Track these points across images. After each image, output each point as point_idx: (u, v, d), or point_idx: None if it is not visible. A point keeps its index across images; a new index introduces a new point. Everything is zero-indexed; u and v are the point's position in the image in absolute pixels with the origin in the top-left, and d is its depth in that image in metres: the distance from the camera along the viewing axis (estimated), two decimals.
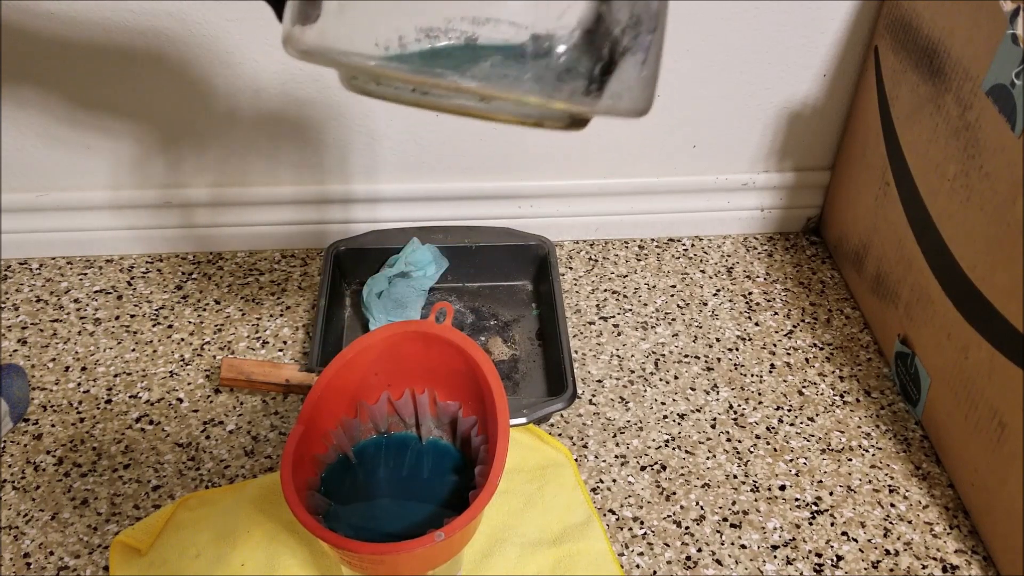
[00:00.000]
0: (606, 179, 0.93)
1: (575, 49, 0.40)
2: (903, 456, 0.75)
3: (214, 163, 0.87)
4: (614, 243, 0.96)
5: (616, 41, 0.41)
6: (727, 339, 0.85)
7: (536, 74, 0.40)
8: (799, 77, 0.87)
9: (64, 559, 0.66)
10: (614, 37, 0.41)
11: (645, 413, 0.78)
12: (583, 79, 0.41)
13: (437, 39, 0.39)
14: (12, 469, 0.72)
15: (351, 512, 0.57)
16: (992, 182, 0.64)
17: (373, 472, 0.60)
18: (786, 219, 0.98)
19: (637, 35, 0.42)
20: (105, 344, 0.82)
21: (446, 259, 0.87)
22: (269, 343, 0.83)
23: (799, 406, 0.79)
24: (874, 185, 0.83)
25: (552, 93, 0.40)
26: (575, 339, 0.84)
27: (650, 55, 0.44)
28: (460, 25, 0.39)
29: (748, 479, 0.72)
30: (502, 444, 0.54)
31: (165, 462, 0.72)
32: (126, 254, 0.92)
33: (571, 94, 0.41)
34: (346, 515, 0.56)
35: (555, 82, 0.40)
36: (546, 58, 0.40)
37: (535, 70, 0.40)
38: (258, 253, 0.93)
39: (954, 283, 0.69)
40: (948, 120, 0.70)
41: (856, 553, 0.68)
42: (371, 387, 0.61)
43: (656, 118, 0.89)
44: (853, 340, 0.86)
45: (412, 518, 0.57)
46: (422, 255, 0.86)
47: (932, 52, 0.72)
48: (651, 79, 0.45)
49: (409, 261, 0.85)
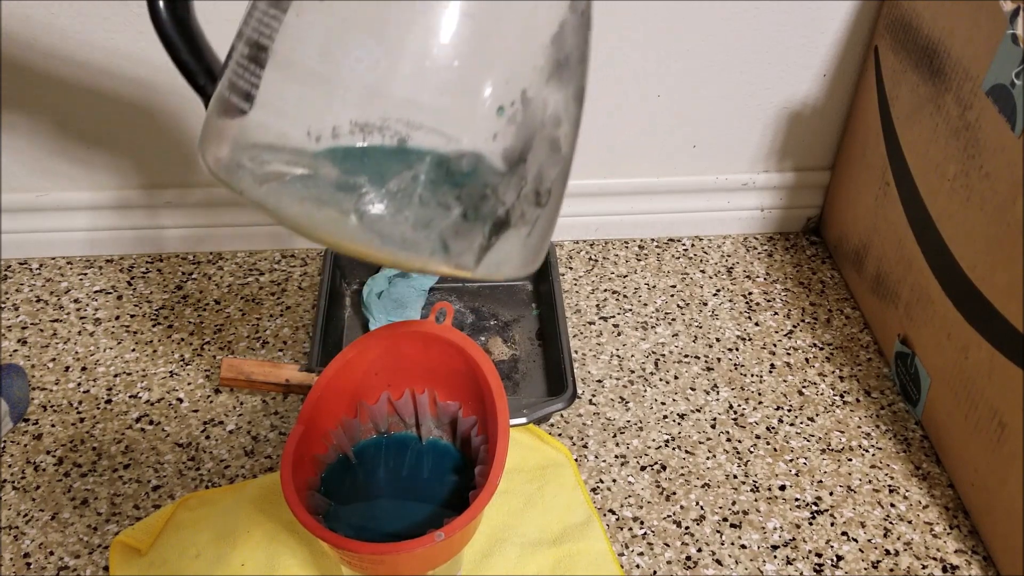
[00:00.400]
0: (606, 179, 0.93)
1: (479, 199, 0.41)
2: (903, 456, 0.75)
3: None
4: (614, 243, 0.96)
5: (505, 213, 0.42)
6: (727, 339, 0.85)
7: (424, 234, 0.40)
8: (799, 77, 0.87)
9: (64, 559, 0.66)
10: (504, 209, 0.42)
11: (645, 413, 0.78)
12: (463, 246, 0.41)
13: (371, 135, 0.39)
14: (12, 469, 0.72)
15: (351, 512, 0.57)
16: (992, 182, 0.64)
17: (373, 472, 0.60)
18: (786, 219, 0.98)
19: (524, 212, 0.43)
20: (105, 344, 0.82)
21: None
22: (269, 343, 0.83)
23: (799, 406, 0.79)
24: (874, 185, 0.83)
25: (428, 259, 0.41)
26: (575, 339, 0.84)
27: (535, 229, 0.44)
28: (395, 125, 0.39)
29: (748, 479, 0.72)
30: (502, 444, 0.54)
31: (165, 462, 0.72)
32: (126, 254, 0.92)
33: (447, 260, 0.41)
34: (346, 515, 0.56)
35: (439, 246, 0.41)
36: (445, 210, 0.40)
37: (425, 230, 0.40)
38: (258, 253, 0.93)
39: (954, 283, 0.69)
40: (948, 120, 0.70)
41: (856, 553, 0.68)
42: (371, 387, 0.61)
43: (656, 118, 0.89)
44: (853, 340, 0.86)
45: (412, 518, 0.57)
46: None
47: (932, 52, 0.72)
48: (536, 248, 0.46)
49: None
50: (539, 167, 0.43)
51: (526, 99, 0.41)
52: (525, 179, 0.43)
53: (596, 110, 0.87)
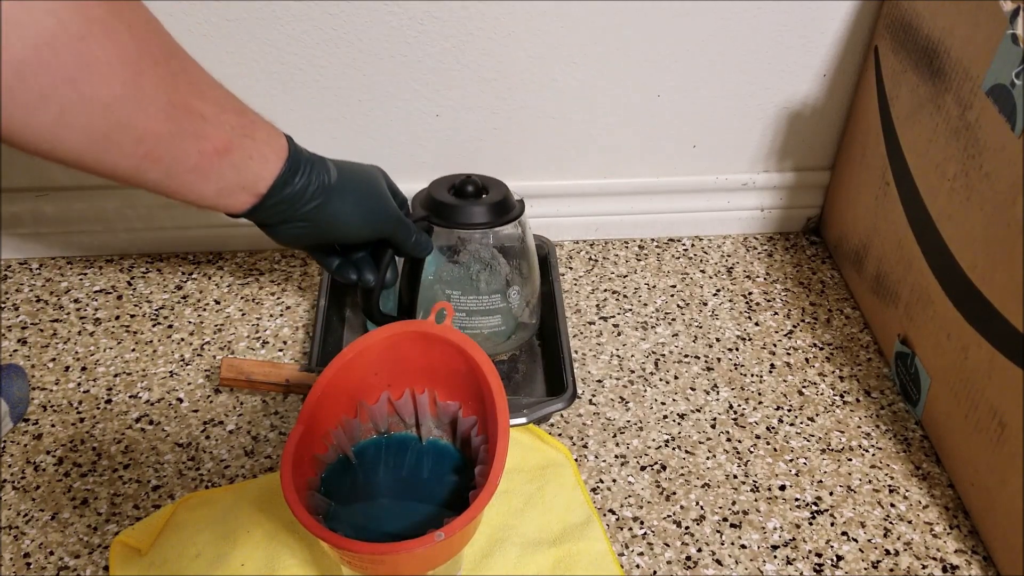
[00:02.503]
0: (606, 179, 0.93)
1: None
2: (903, 456, 0.75)
3: None
4: (614, 243, 0.96)
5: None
6: (727, 339, 0.85)
7: None
8: (799, 77, 0.87)
9: (64, 559, 0.66)
10: None
11: (645, 413, 0.78)
12: None
13: None
14: (12, 469, 0.72)
15: (351, 512, 0.57)
16: (992, 182, 0.64)
17: (373, 472, 0.60)
18: (786, 219, 0.98)
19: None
20: (105, 344, 0.82)
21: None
22: (269, 343, 0.83)
23: (799, 406, 0.79)
24: (874, 185, 0.83)
25: None
26: (575, 339, 0.84)
27: None
28: None
29: (748, 479, 0.72)
30: (502, 444, 0.54)
31: (165, 462, 0.72)
32: (126, 254, 0.92)
33: None
34: (346, 515, 0.56)
35: None
36: None
37: None
38: (258, 253, 0.93)
39: (954, 283, 0.69)
40: (948, 120, 0.70)
41: (856, 553, 0.68)
42: (371, 387, 0.61)
43: (656, 118, 0.89)
44: (853, 340, 0.86)
45: (412, 518, 0.57)
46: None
47: (932, 52, 0.72)
48: None
49: None
50: None
51: None
52: None
53: (596, 110, 0.87)
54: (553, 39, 0.82)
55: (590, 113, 0.87)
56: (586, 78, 0.85)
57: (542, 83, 0.85)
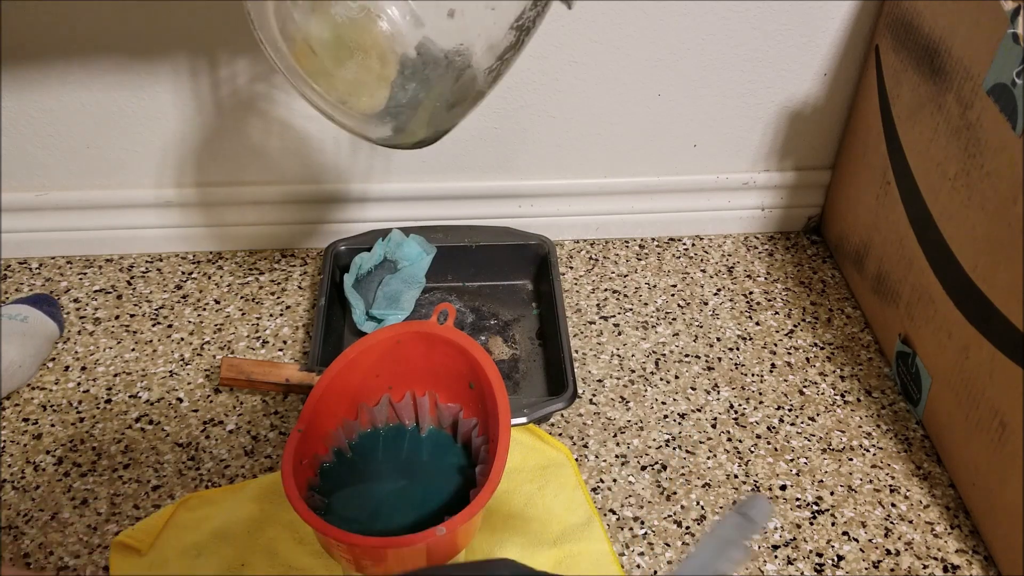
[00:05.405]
0: (606, 178, 0.93)
1: None
2: (904, 456, 0.75)
3: (214, 163, 0.87)
4: (614, 242, 0.96)
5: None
6: (728, 339, 0.85)
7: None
8: (799, 76, 0.87)
9: (64, 559, 0.66)
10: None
11: (645, 413, 0.78)
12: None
13: None
14: (12, 469, 0.72)
15: (351, 513, 0.57)
16: (993, 181, 0.64)
17: (371, 462, 0.60)
18: (787, 218, 0.98)
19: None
20: (105, 344, 0.82)
21: (433, 246, 0.86)
22: (269, 343, 0.83)
23: (800, 406, 0.79)
24: (875, 184, 0.83)
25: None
26: (575, 339, 0.84)
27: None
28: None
29: (749, 479, 0.72)
30: (503, 443, 0.54)
31: (165, 462, 0.72)
32: (126, 254, 0.92)
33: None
34: (347, 515, 0.56)
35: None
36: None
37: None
38: (258, 253, 0.93)
39: (955, 282, 0.69)
40: (949, 119, 0.70)
41: (857, 553, 0.68)
42: (372, 389, 0.61)
43: (656, 118, 0.89)
44: (854, 340, 0.86)
45: (413, 519, 0.57)
46: (410, 248, 0.85)
47: (933, 51, 0.72)
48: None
49: (398, 256, 0.85)
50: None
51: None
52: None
53: (596, 110, 0.87)
54: (554, 39, 0.82)
55: (591, 112, 0.87)
56: (587, 77, 0.85)
57: (543, 82, 0.85)
